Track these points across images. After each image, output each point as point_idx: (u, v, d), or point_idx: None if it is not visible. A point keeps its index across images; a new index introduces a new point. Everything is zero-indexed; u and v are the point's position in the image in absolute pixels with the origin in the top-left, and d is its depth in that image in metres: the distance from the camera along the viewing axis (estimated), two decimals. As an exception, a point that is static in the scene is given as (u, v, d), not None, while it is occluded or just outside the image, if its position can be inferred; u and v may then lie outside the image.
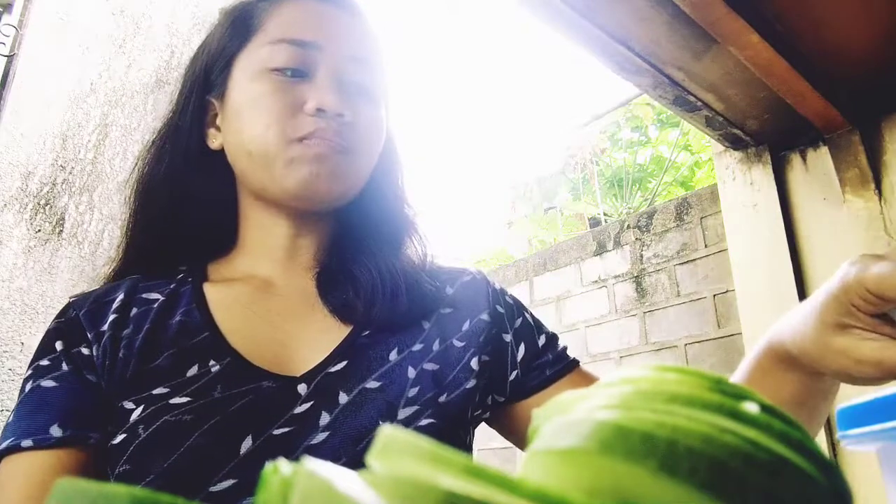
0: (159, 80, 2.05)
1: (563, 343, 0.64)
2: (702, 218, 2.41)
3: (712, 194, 2.32)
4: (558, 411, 0.17)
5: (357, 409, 0.50)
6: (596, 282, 2.76)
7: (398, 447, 0.13)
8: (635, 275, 2.60)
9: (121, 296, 0.55)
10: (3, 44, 1.74)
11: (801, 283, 1.73)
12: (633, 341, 2.55)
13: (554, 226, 5.74)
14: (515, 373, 0.59)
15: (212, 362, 0.51)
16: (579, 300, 2.82)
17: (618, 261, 2.69)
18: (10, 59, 1.74)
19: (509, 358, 0.60)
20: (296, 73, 0.55)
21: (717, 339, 2.25)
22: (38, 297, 1.67)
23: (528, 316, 0.64)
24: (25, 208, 1.70)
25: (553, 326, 2.85)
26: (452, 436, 0.53)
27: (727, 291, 2.22)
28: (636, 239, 2.64)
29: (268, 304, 0.57)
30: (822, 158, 1.75)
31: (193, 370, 0.50)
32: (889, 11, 1.29)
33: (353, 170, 0.56)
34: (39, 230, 1.71)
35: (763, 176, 1.85)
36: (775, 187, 1.82)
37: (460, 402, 0.54)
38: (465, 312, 0.60)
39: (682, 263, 2.43)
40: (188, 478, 0.45)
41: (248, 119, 0.55)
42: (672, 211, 2.53)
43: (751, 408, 0.16)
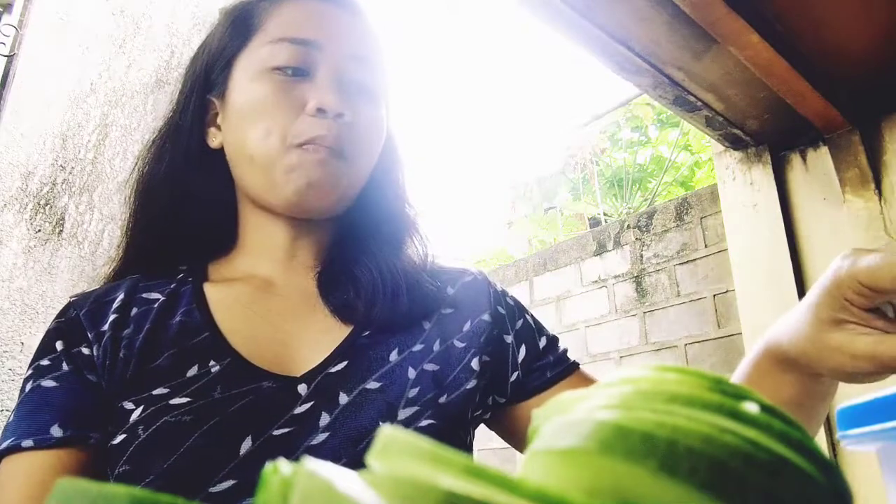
0: (159, 80, 2.05)
1: (563, 345, 0.64)
2: (702, 218, 2.41)
3: (712, 194, 2.32)
4: (558, 411, 0.17)
5: (357, 410, 0.50)
6: (596, 282, 2.76)
7: (398, 447, 0.13)
8: (635, 275, 2.60)
9: (121, 296, 0.55)
10: (3, 44, 1.74)
11: (801, 283, 1.73)
12: (633, 341, 2.55)
13: (554, 226, 5.74)
14: (516, 374, 0.59)
15: (212, 363, 0.51)
16: (579, 300, 2.82)
17: (618, 261, 2.69)
18: (10, 59, 1.74)
19: (510, 359, 0.60)
20: (296, 72, 0.55)
21: (717, 339, 2.25)
22: (38, 297, 1.67)
23: (529, 318, 0.64)
24: (25, 208, 1.70)
25: (553, 326, 2.85)
26: (452, 436, 0.53)
27: (727, 291, 2.22)
28: (636, 239, 2.64)
29: (268, 305, 0.57)
30: (822, 158, 1.75)
31: (193, 370, 0.50)
32: (889, 11, 1.29)
33: (350, 175, 0.56)
34: (39, 230, 1.71)
35: (763, 176, 1.85)
36: (775, 187, 1.82)
37: (460, 403, 0.54)
38: (466, 313, 0.60)
39: (682, 263, 2.43)
40: (188, 478, 0.45)
41: (249, 121, 0.55)
42: (672, 211, 2.53)
43: (751, 408, 0.16)
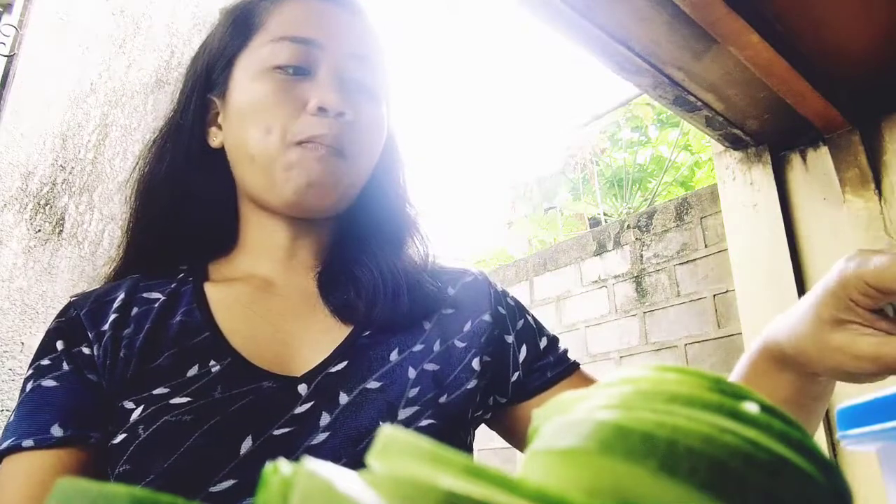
0: (159, 80, 2.05)
1: (563, 346, 0.64)
2: (702, 218, 2.41)
3: (712, 194, 2.32)
4: (558, 411, 0.17)
5: (357, 410, 0.50)
6: (596, 282, 2.76)
7: (398, 447, 0.13)
8: (635, 275, 2.60)
9: (122, 295, 0.55)
10: (3, 44, 1.74)
11: (801, 283, 1.73)
12: (633, 341, 2.55)
13: (554, 226, 5.74)
14: (517, 374, 0.59)
15: (212, 362, 0.51)
16: (579, 300, 2.82)
17: (618, 261, 2.69)
18: (10, 59, 1.74)
19: (511, 359, 0.60)
20: (298, 71, 0.55)
21: (717, 339, 2.25)
22: (38, 297, 1.67)
23: (530, 318, 0.64)
24: (25, 208, 1.70)
25: (553, 326, 2.85)
26: (453, 436, 0.53)
27: (727, 291, 2.22)
28: (636, 239, 2.64)
29: (268, 304, 0.57)
30: (822, 158, 1.75)
31: (194, 370, 0.50)
32: (889, 11, 1.29)
33: (351, 174, 0.56)
34: (39, 230, 1.71)
35: (763, 176, 1.85)
36: (775, 187, 1.81)
37: (461, 403, 0.54)
38: (467, 313, 0.60)
39: (682, 263, 2.43)
40: (188, 478, 0.45)
41: (250, 119, 0.55)
42: (672, 211, 2.53)
43: (751, 408, 0.16)
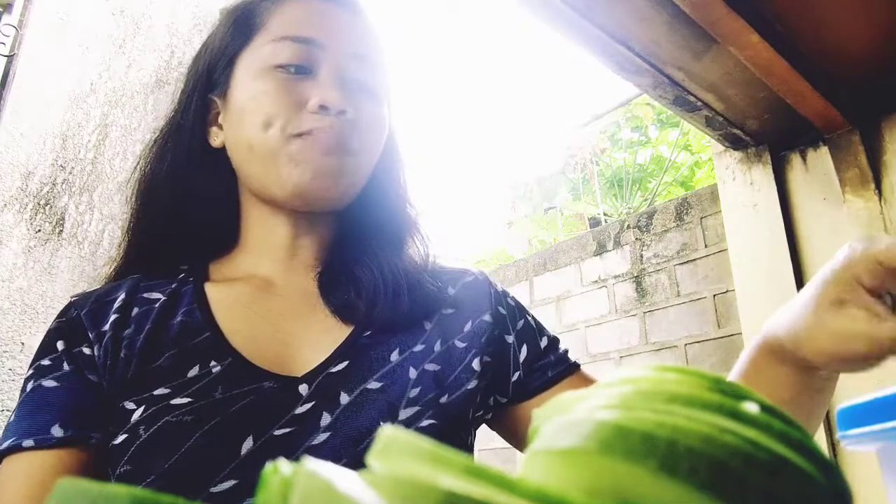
0: (159, 80, 2.05)
1: (564, 346, 0.64)
2: (702, 218, 2.41)
3: (712, 194, 2.32)
4: (558, 411, 0.17)
5: (358, 410, 0.50)
6: (596, 282, 2.76)
7: (398, 447, 0.13)
8: (635, 275, 2.60)
9: (122, 295, 0.55)
10: (3, 44, 1.74)
11: (801, 284, 1.73)
12: (633, 341, 2.55)
13: (554, 226, 5.74)
14: (518, 374, 0.59)
15: (213, 363, 0.51)
16: (579, 300, 2.82)
17: (618, 261, 2.69)
18: (10, 59, 1.74)
19: (511, 359, 0.60)
20: (299, 70, 0.55)
21: (717, 339, 2.25)
22: (38, 297, 1.67)
23: (530, 318, 0.64)
24: (25, 208, 1.70)
25: (553, 326, 2.85)
26: (453, 436, 0.53)
27: (727, 291, 2.22)
28: (636, 239, 2.64)
29: (269, 304, 0.57)
30: (822, 158, 1.75)
31: (194, 371, 0.50)
32: (889, 11, 1.29)
33: (353, 169, 0.56)
34: (39, 230, 1.71)
35: (763, 176, 1.85)
36: (775, 187, 1.82)
37: (461, 403, 0.54)
38: (468, 313, 0.60)
39: (682, 263, 2.43)
40: (189, 478, 0.45)
41: (250, 115, 0.55)
42: (672, 211, 2.53)
43: (751, 408, 0.16)
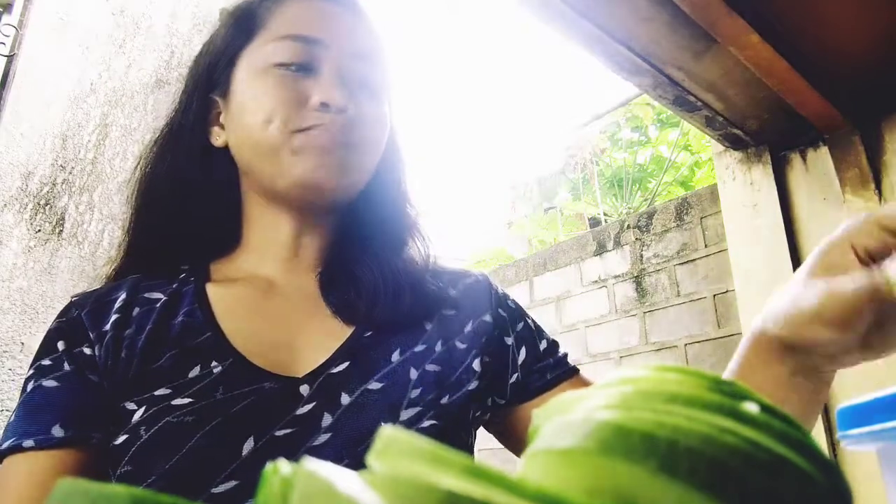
0: (159, 80, 2.05)
1: (563, 350, 0.64)
2: (702, 218, 2.41)
3: (712, 194, 2.32)
4: (558, 411, 0.17)
5: (359, 411, 0.50)
6: (596, 282, 2.76)
7: (398, 447, 0.13)
8: (635, 275, 2.60)
9: (123, 295, 0.55)
10: (3, 44, 1.74)
11: (801, 283, 1.72)
12: (633, 341, 2.55)
13: (554, 226, 5.75)
14: (516, 375, 0.59)
15: (214, 363, 0.51)
16: (579, 300, 2.82)
17: (618, 261, 2.69)
18: (10, 59, 1.74)
19: (510, 361, 0.60)
20: (300, 69, 0.55)
21: (717, 339, 2.25)
22: (38, 297, 1.67)
23: (530, 321, 0.64)
24: (25, 208, 1.70)
25: (553, 326, 2.85)
26: (454, 437, 0.53)
27: (727, 291, 2.22)
28: (636, 239, 2.64)
29: (270, 305, 0.57)
30: (822, 158, 1.75)
31: (195, 371, 0.50)
32: (889, 11, 1.29)
33: (357, 163, 0.56)
34: (39, 230, 1.71)
35: (763, 176, 1.85)
36: (775, 187, 1.82)
37: (462, 404, 0.54)
38: (468, 314, 0.60)
39: (682, 263, 2.43)
40: (190, 479, 0.45)
41: (252, 112, 0.55)
42: (672, 211, 2.53)
43: (751, 408, 0.16)
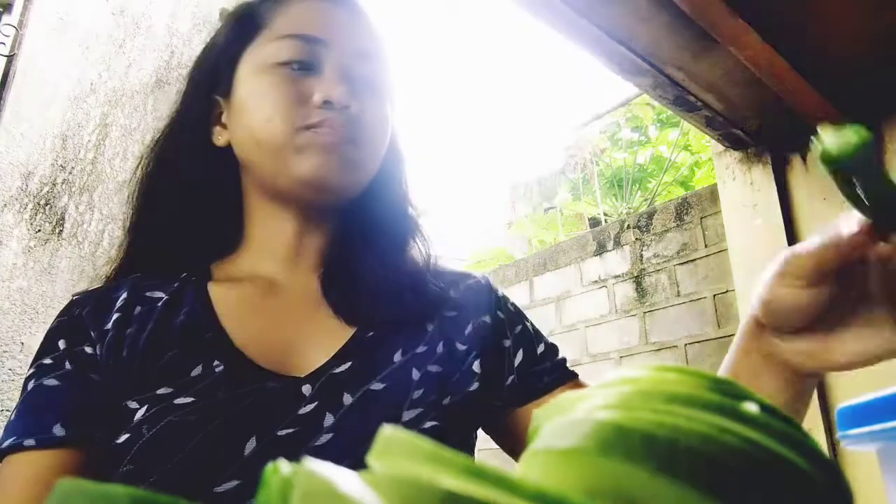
0: (159, 80, 2.05)
1: (562, 355, 0.63)
2: (702, 218, 2.41)
3: (712, 194, 2.32)
4: (558, 411, 0.17)
5: (361, 411, 0.50)
6: (596, 282, 2.76)
7: (398, 447, 0.13)
8: (635, 275, 2.60)
9: (124, 294, 0.55)
10: (3, 44, 1.74)
11: (801, 283, 1.72)
12: (633, 341, 2.55)
13: (554, 226, 5.75)
14: (512, 378, 0.59)
15: (216, 362, 0.51)
16: (579, 300, 2.82)
17: (618, 261, 2.69)
18: (10, 59, 1.74)
19: (507, 363, 0.60)
20: (302, 67, 0.55)
21: (717, 339, 2.25)
22: (38, 297, 1.67)
23: (529, 324, 0.64)
24: (25, 208, 1.70)
25: (553, 326, 2.85)
26: (456, 438, 0.53)
27: (727, 291, 2.22)
28: (636, 239, 2.64)
29: (272, 304, 0.57)
30: (822, 158, 1.75)
31: (197, 370, 0.50)
32: (889, 11, 1.29)
33: (361, 161, 0.56)
34: (39, 230, 1.71)
35: (763, 176, 1.85)
36: (775, 187, 1.81)
37: (463, 405, 0.54)
38: (468, 316, 0.60)
39: (682, 263, 2.43)
40: (192, 478, 0.45)
41: (254, 110, 0.55)
42: (672, 211, 2.53)
43: (751, 408, 0.16)
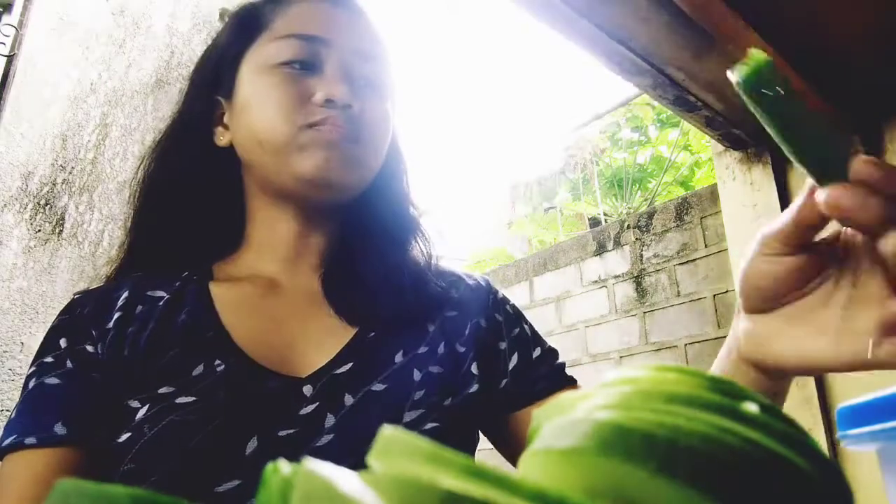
0: (159, 80, 2.05)
1: (561, 360, 0.62)
2: (702, 218, 2.41)
3: (712, 194, 2.32)
4: (558, 411, 0.17)
5: (362, 412, 0.50)
6: (596, 282, 2.76)
7: (398, 447, 0.13)
8: (635, 275, 2.60)
9: (126, 293, 0.55)
10: (3, 44, 1.74)
11: (801, 283, 1.72)
12: (633, 341, 2.55)
13: (554, 226, 5.75)
14: (505, 381, 0.59)
15: (217, 362, 0.50)
16: (579, 300, 2.82)
17: (618, 261, 2.69)
18: (10, 59, 1.74)
19: (501, 366, 0.59)
20: (304, 66, 0.56)
21: (717, 339, 2.25)
22: (38, 297, 1.67)
23: (527, 327, 0.63)
24: (25, 208, 1.70)
25: (553, 326, 2.85)
26: (456, 440, 0.53)
27: (727, 291, 2.22)
28: (636, 239, 2.64)
29: (274, 304, 0.57)
30: (823, 158, 1.75)
31: (199, 369, 0.50)
32: (889, 11, 1.29)
33: (363, 158, 0.56)
34: (39, 230, 1.71)
35: (763, 176, 1.85)
36: (775, 187, 1.81)
37: (464, 407, 0.54)
38: (468, 317, 0.60)
39: (682, 263, 2.43)
40: (193, 477, 0.45)
41: (257, 110, 0.55)
42: (672, 211, 2.53)
43: (751, 408, 0.16)
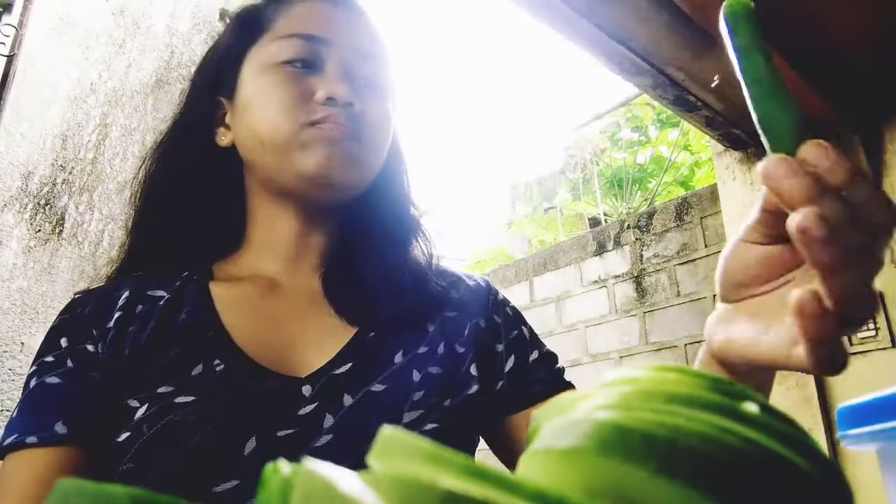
0: (159, 80, 2.05)
1: (560, 364, 0.62)
2: (702, 218, 2.41)
3: (712, 194, 2.32)
4: (558, 411, 0.17)
5: (361, 412, 0.50)
6: (596, 282, 2.76)
7: (398, 447, 0.13)
8: (635, 275, 2.60)
9: (126, 293, 0.55)
10: (3, 44, 1.74)
11: (801, 283, 1.72)
12: (633, 341, 2.55)
13: (554, 226, 5.75)
14: (501, 383, 0.58)
15: (217, 361, 0.51)
16: (579, 300, 2.82)
17: (618, 261, 2.69)
18: (10, 59, 1.74)
19: (498, 368, 0.59)
20: (305, 65, 0.56)
21: (717, 339, 2.25)
22: (38, 297, 1.67)
23: (526, 330, 0.63)
24: (25, 208, 1.70)
25: (553, 326, 2.85)
26: (456, 441, 0.52)
27: (727, 291, 2.22)
28: (636, 239, 2.64)
29: (274, 304, 0.57)
30: (822, 158, 1.75)
31: (198, 369, 0.50)
32: (889, 11, 1.29)
33: (365, 157, 0.56)
34: (39, 230, 1.71)
35: (763, 176, 1.85)
36: (775, 187, 1.81)
37: (463, 407, 0.54)
38: (467, 317, 0.60)
39: (682, 263, 2.43)
40: (192, 477, 0.45)
41: (259, 108, 0.55)
42: (672, 211, 2.53)
43: (751, 408, 0.16)
